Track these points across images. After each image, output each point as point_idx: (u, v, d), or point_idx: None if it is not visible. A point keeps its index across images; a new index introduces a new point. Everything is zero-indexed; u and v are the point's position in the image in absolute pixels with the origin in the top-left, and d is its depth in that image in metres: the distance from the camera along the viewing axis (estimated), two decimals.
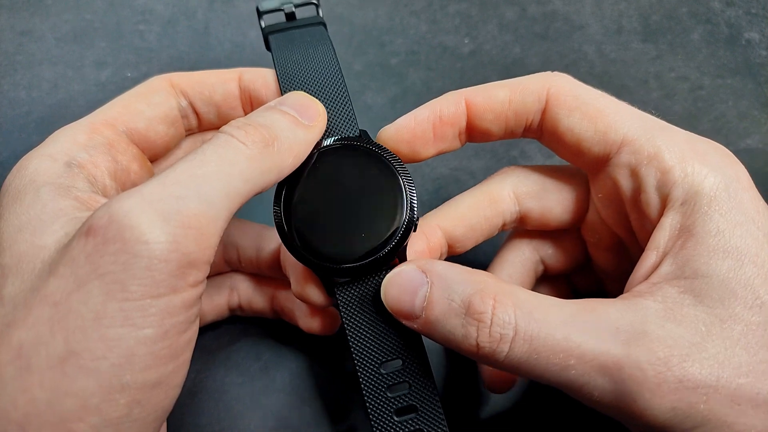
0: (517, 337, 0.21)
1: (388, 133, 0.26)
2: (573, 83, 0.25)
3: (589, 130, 0.24)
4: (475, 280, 0.22)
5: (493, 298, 0.21)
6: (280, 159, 0.23)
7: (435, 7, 0.45)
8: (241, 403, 0.31)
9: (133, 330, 0.19)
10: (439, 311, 0.22)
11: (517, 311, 0.21)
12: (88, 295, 0.19)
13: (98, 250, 0.19)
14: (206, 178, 0.20)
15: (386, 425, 0.24)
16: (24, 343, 0.19)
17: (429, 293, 0.22)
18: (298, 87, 0.26)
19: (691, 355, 0.20)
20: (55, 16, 0.44)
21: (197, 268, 0.20)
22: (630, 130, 0.24)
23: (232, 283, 0.31)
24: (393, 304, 0.23)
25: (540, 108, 0.25)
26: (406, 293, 0.23)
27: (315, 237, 0.24)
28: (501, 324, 0.21)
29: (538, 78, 0.26)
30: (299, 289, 0.27)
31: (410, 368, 0.25)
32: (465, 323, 0.21)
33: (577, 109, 0.25)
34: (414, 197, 0.25)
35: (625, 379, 0.20)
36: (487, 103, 0.26)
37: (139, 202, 0.19)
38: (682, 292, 0.21)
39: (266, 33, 0.28)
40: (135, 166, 0.26)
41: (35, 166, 0.23)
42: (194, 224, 0.20)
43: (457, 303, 0.22)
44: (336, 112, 0.26)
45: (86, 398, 0.18)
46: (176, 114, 0.27)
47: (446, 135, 0.26)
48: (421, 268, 0.23)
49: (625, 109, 0.25)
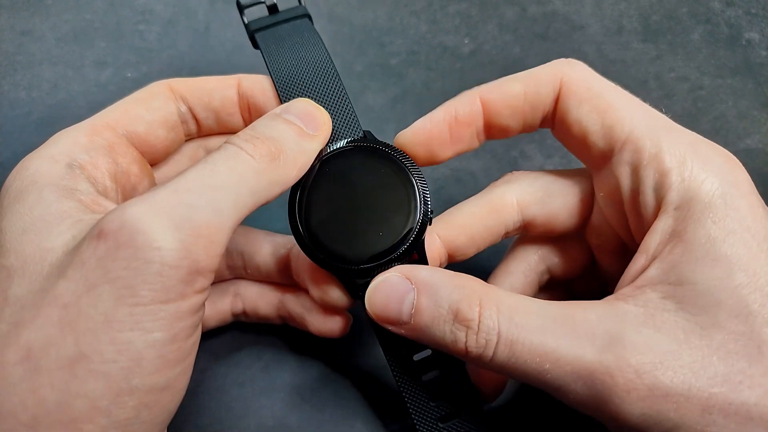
0: (499, 341, 0.21)
1: (405, 137, 0.26)
2: (587, 73, 0.25)
3: (596, 124, 0.24)
4: (460, 285, 0.22)
5: (478, 304, 0.22)
6: (285, 172, 0.23)
7: (435, 7, 0.45)
8: (241, 403, 0.31)
9: (143, 334, 0.19)
10: (427, 318, 0.22)
11: (499, 316, 0.21)
12: (98, 298, 0.19)
13: (110, 254, 0.19)
14: (216, 188, 0.21)
15: (424, 413, 0.26)
16: (33, 345, 0.19)
17: (416, 301, 0.23)
18: (296, 93, 0.26)
19: (664, 362, 0.20)
20: (55, 16, 0.44)
21: (204, 276, 0.21)
22: (636, 127, 0.23)
23: (235, 289, 0.31)
24: (379, 311, 0.23)
25: (554, 98, 0.25)
26: (393, 301, 0.23)
27: (333, 240, 0.24)
28: (486, 330, 0.21)
29: (551, 67, 0.25)
30: (320, 293, 0.27)
31: (440, 355, 0.26)
32: (454, 329, 0.22)
33: (588, 101, 0.24)
34: (426, 191, 0.25)
35: (597, 385, 0.20)
36: (502, 100, 0.26)
37: (150, 209, 0.20)
38: (664, 298, 0.21)
39: (251, 30, 0.28)
40: (135, 169, 0.26)
41: (36, 167, 0.23)
42: (204, 233, 0.20)
43: (445, 310, 0.22)
44: (338, 114, 0.26)
45: (96, 400, 0.19)
46: (176, 119, 0.28)
47: (463, 135, 0.26)
48: (405, 276, 0.23)
49: (636, 106, 0.24)
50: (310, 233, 0.25)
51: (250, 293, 0.31)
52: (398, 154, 0.26)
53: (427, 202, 0.25)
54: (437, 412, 0.26)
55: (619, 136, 0.24)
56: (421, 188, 0.25)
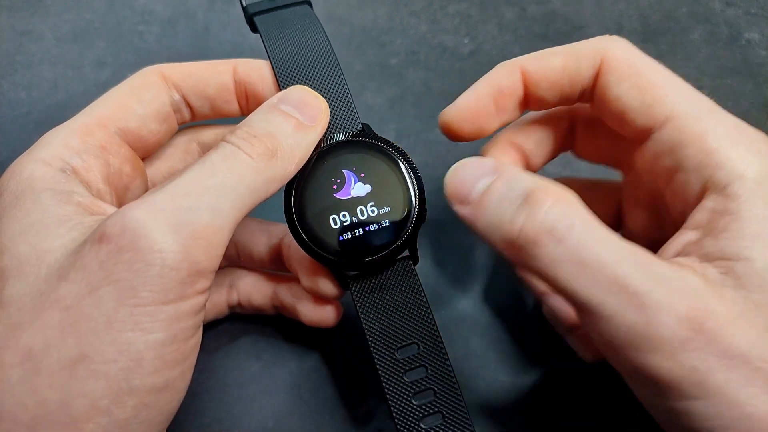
0: (569, 237, 0.20)
1: (450, 114, 0.26)
2: (629, 49, 0.25)
3: (636, 101, 0.24)
4: (542, 180, 0.22)
5: (555, 197, 0.21)
6: (283, 168, 0.23)
7: (435, 7, 0.45)
8: (241, 403, 0.31)
9: (143, 334, 0.19)
10: (495, 197, 0.22)
11: (577, 217, 0.20)
12: (100, 300, 0.19)
13: (111, 257, 0.20)
14: (215, 189, 0.21)
15: (405, 409, 0.25)
16: (33, 346, 0.19)
17: (492, 182, 0.22)
18: (295, 80, 0.26)
19: (724, 327, 0.19)
20: (55, 16, 0.44)
21: (204, 277, 0.21)
22: (677, 106, 0.23)
23: (230, 280, 0.31)
24: (455, 186, 0.23)
25: (594, 74, 0.25)
26: (471, 177, 0.22)
27: (327, 234, 0.25)
28: (557, 217, 0.20)
29: (594, 43, 0.25)
30: (310, 283, 0.27)
31: (426, 353, 0.25)
32: (517, 208, 0.21)
33: (629, 78, 0.24)
34: (422, 187, 0.25)
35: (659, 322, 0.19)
36: (542, 72, 0.25)
37: (151, 212, 0.20)
38: (723, 273, 0.21)
39: (250, 14, 0.28)
40: (127, 168, 0.26)
41: (30, 172, 0.23)
42: (203, 235, 0.20)
43: (518, 192, 0.21)
44: (337, 105, 0.26)
45: (96, 400, 0.19)
46: (168, 110, 0.27)
47: (507, 106, 0.26)
48: (494, 163, 0.23)
49: (678, 85, 0.24)
50: (304, 224, 0.25)
51: (245, 284, 0.31)
52: (396, 150, 0.26)
53: (423, 200, 0.25)
54: (419, 412, 0.25)
55: (659, 115, 0.23)
56: (417, 185, 0.25)
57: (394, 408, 0.25)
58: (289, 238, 0.26)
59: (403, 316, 0.26)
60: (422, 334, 0.26)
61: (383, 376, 0.25)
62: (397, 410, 0.25)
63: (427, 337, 0.26)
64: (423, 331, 0.26)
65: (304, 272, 0.28)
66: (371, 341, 0.25)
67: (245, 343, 0.33)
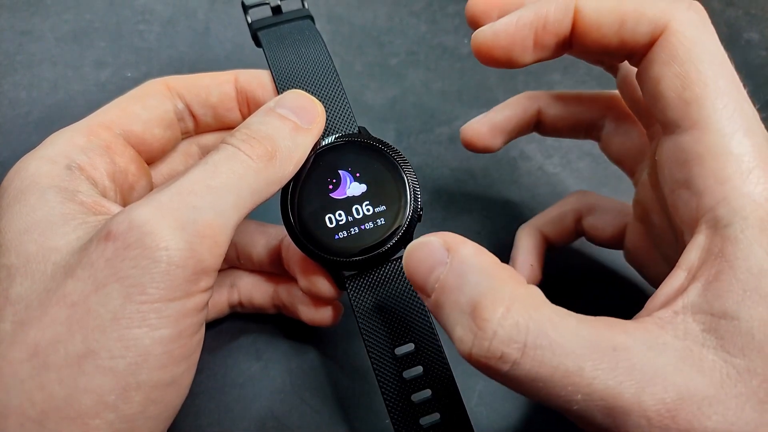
0: (524, 356, 0.18)
1: (484, 36, 0.24)
2: (697, 27, 0.22)
3: (674, 92, 0.21)
4: (495, 277, 0.19)
5: (505, 306, 0.18)
6: (281, 169, 0.23)
7: (434, 8, 0.45)
8: (241, 403, 0.31)
9: (150, 330, 0.20)
10: (445, 299, 0.20)
11: (530, 325, 0.18)
12: (107, 297, 0.20)
13: (118, 254, 0.20)
14: (219, 189, 0.22)
15: (402, 406, 0.25)
16: (40, 342, 0.19)
17: (444, 275, 0.20)
18: (293, 86, 0.27)
19: (701, 408, 0.18)
20: (55, 16, 0.44)
21: (208, 275, 0.21)
22: (712, 114, 0.20)
23: (231, 280, 0.32)
24: (411, 271, 0.21)
25: (651, 41, 0.22)
26: (424, 266, 0.20)
27: (323, 232, 0.25)
28: (505, 339, 0.18)
29: (663, 6, 0.22)
30: (307, 284, 0.27)
31: (424, 351, 0.26)
32: (467, 325, 0.19)
33: (679, 63, 0.21)
34: (417, 188, 0.26)
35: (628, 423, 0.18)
36: (597, 20, 0.23)
37: (157, 210, 0.21)
38: (704, 331, 0.19)
39: (255, 29, 0.29)
40: (132, 168, 0.26)
41: (35, 168, 0.23)
42: (208, 233, 0.21)
43: (466, 297, 0.19)
44: (334, 109, 0.27)
45: (103, 395, 0.19)
46: (172, 117, 0.28)
47: (548, 44, 0.24)
48: (446, 245, 0.20)
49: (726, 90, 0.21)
50: (301, 224, 0.25)
51: (245, 284, 0.31)
52: (391, 151, 0.26)
53: (418, 199, 0.25)
54: (417, 410, 0.25)
55: (690, 117, 0.21)
56: (412, 185, 0.26)
57: (390, 406, 0.25)
58: (288, 239, 0.26)
59: (400, 315, 0.26)
60: (419, 332, 0.26)
61: (378, 375, 0.25)
62: (394, 408, 0.25)
63: (425, 335, 0.26)
64: (420, 329, 0.26)
65: (301, 273, 0.28)
66: (367, 340, 0.26)
67: (245, 343, 0.33)
